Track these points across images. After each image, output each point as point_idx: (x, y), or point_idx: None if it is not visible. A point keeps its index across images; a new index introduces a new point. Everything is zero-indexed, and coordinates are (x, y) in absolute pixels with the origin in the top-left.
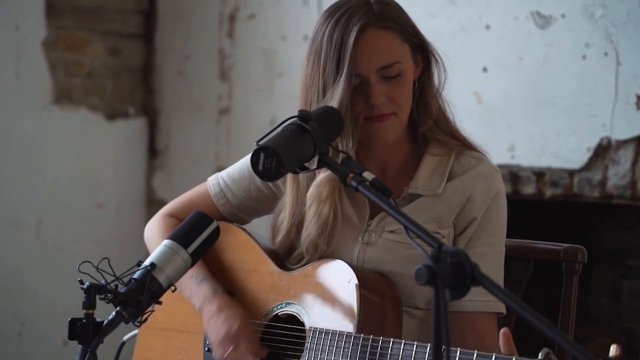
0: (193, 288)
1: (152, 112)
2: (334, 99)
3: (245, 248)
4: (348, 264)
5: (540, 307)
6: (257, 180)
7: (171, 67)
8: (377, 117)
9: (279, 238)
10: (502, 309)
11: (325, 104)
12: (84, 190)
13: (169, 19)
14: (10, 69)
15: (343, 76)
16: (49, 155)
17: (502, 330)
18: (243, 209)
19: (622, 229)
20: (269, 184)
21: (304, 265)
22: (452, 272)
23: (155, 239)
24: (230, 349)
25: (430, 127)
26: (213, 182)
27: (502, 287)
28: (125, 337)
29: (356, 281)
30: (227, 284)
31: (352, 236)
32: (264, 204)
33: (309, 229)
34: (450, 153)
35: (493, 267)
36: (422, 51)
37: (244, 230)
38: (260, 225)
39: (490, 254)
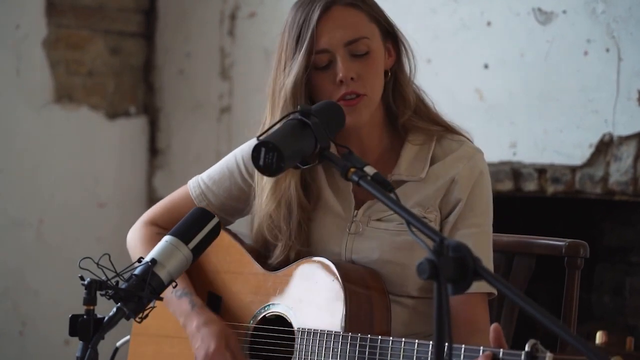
0: (174, 303)
1: (153, 111)
2: (290, 76)
3: (229, 249)
4: (331, 261)
5: (542, 303)
6: (238, 179)
7: (172, 65)
8: (349, 100)
9: (253, 231)
10: (493, 289)
11: (284, 85)
12: (85, 189)
13: (169, 17)
14: (11, 68)
15: (302, 52)
16: (49, 155)
17: (492, 326)
18: (225, 210)
19: (625, 226)
20: (251, 183)
21: (288, 264)
22: (454, 266)
23: (137, 249)
24: None
25: (409, 117)
26: (193, 184)
27: (503, 279)
28: (119, 343)
29: (340, 278)
30: (213, 287)
31: (339, 228)
32: (246, 203)
33: (266, 203)
34: (431, 138)
35: (482, 247)
36: (393, 40)
37: (228, 231)
38: (244, 225)
39: (477, 235)
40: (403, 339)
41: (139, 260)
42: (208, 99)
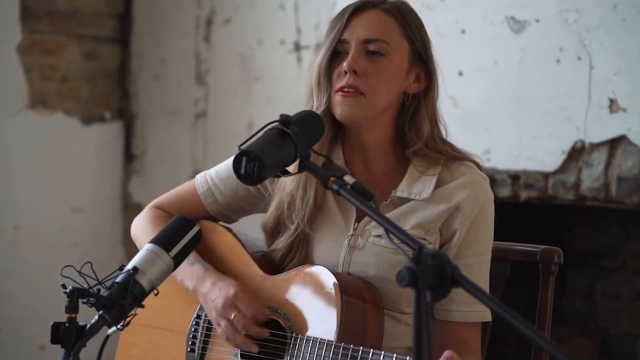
0: (185, 270)
1: (128, 116)
2: (317, 60)
3: (230, 250)
4: (330, 270)
5: (516, 309)
6: None
7: (147, 71)
8: (346, 92)
9: (267, 214)
10: (488, 317)
11: (315, 67)
12: (60, 195)
13: (144, 23)
14: None
15: (329, 39)
16: (24, 160)
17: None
18: (231, 208)
19: (596, 231)
20: (258, 185)
21: (289, 263)
22: (433, 274)
23: (142, 227)
24: (234, 314)
25: (419, 147)
26: (201, 180)
27: (486, 292)
28: (110, 331)
29: (338, 288)
30: None
31: (338, 240)
32: (252, 204)
33: (289, 183)
34: (438, 163)
35: (482, 276)
36: (426, 70)
37: (230, 230)
38: (247, 225)
39: (479, 264)
40: (394, 355)
41: (121, 268)
42: (183, 105)
